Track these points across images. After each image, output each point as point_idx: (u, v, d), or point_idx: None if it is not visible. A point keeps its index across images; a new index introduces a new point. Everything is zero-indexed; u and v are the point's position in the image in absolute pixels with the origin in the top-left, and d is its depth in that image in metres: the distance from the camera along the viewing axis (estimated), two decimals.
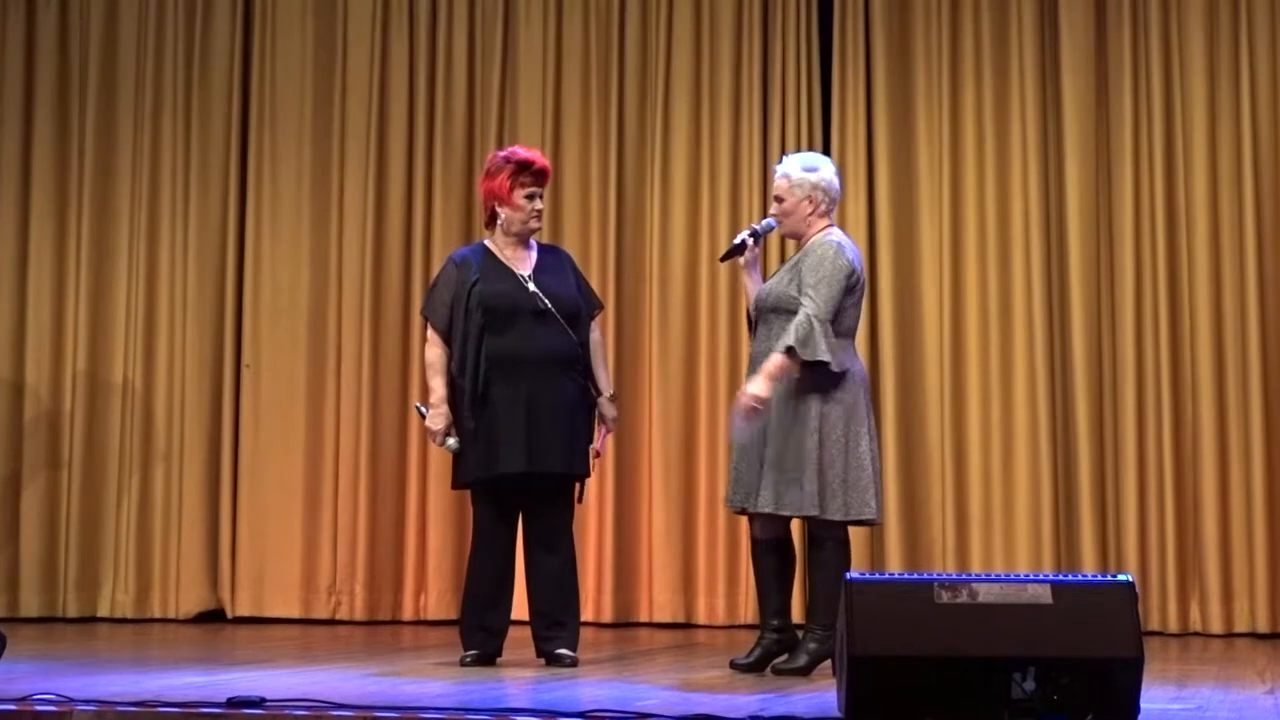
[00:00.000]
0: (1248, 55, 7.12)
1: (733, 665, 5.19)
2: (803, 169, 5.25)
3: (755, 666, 5.13)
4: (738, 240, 5.38)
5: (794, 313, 5.07)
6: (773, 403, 5.07)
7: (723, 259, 5.59)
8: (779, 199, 5.26)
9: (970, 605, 3.78)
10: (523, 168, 5.46)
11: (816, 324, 5.01)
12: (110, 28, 7.98)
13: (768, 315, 5.19)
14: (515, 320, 5.37)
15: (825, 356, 5.00)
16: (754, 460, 5.12)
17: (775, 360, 5.01)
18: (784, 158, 5.42)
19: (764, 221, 5.43)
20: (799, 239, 5.29)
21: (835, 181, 5.28)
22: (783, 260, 5.49)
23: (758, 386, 4.99)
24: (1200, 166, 7.11)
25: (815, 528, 5.14)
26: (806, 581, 5.35)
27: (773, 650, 5.16)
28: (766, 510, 5.08)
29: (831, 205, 5.27)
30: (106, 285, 7.87)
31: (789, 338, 5.00)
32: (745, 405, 5.00)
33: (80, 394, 7.80)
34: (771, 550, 5.20)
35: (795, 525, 5.34)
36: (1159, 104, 7.17)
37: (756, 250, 5.38)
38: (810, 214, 5.23)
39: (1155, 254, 7.11)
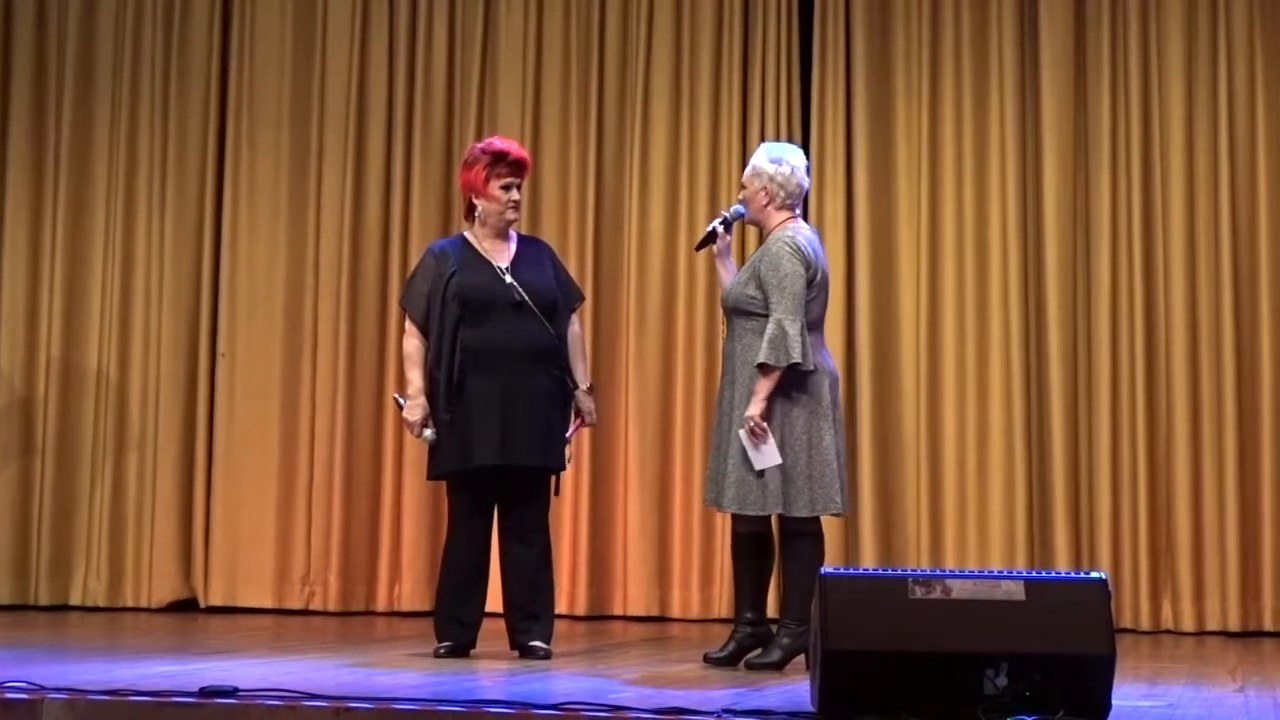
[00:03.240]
0: (1225, 57, 7.14)
1: (706, 659, 5.19)
2: (768, 159, 5.26)
3: (729, 661, 5.14)
4: (709, 228, 5.39)
5: (753, 314, 5.12)
6: (737, 400, 5.09)
7: (697, 248, 5.60)
8: (744, 185, 5.30)
9: (944, 601, 3.79)
10: (499, 159, 5.45)
11: (787, 327, 5.02)
12: (88, 12, 7.94)
13: (730, 315, 5.23)
14: (491, 312, 5.36)
15: (797, 358, 5.02)
16: (722, 459, 5.14)
17: (758, 380, 5.03)
18: (761, 144, 5.46)
19: (733, 209, 5.44)
20: (760, 228, 5.34)
21: (798, 175, 5.25)
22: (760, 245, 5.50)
23: (753, 408, 5.01)
24: (1177, 168, 7.14)
25: (786, 523, 5.14)
26: (780, 576, 5.35)
27: (747, 644, 5.16)
28: (732, 510, 5.10)
29: (791, 199, 5.24)
30: (82, 271, 7.83)
31: (761, 353, 5.02)
32: (748, 429, 5.02)
33: (54, 381, 7.76)
34: (751, 544, 5.21)
35: (775, 519, 5.35)
36: (1137, 105, 7.19)
37: (728, 238, 5.38)
38: (766, 205, 5.24)
39: (1131, 254, 7.13)
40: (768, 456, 5.03)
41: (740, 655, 5.15)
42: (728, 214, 5.42)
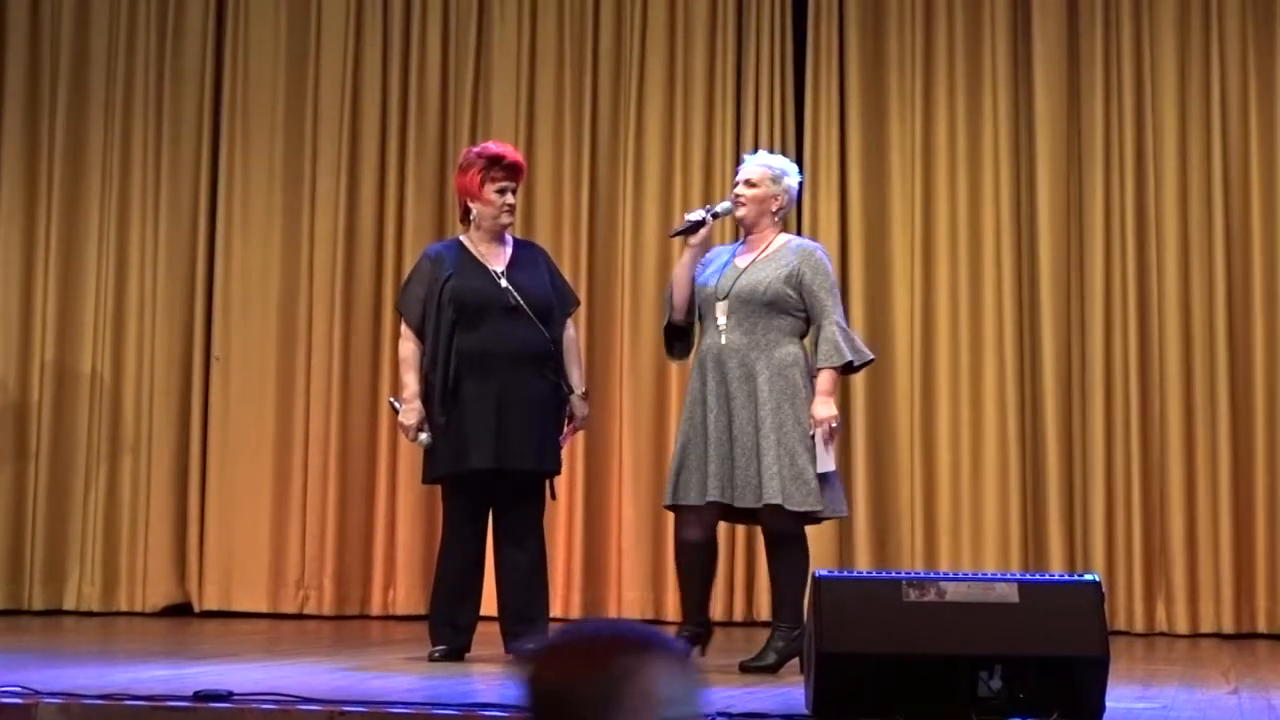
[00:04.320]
0: (1218, 58, 7.16)
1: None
2: (780, 169, 5.31)
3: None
4: (698, 217, 5.31)
5: (785, 312, 5.14)
6: (761, 397, 5.08)
7: (674, 234, 5.55)
8: (751, 184, 5.26)
9: (938, 604, 3.80)
10: (494, 162, 5.45)
11: (848, 329, 5.18)
12: (82, 16, 7.94)
13: (751, 308, 5.15)
14: (487, 316, 5.36)
15: (870, 355, 5.21)
16: (748, 454, 5.08)
17: (830, 378, 5.10)
18: (758, 151, 5.48)
19: (722, 204, 5.43)
20: (750, 230, 5.29)
21: (797, 194, 5.42)
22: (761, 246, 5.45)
23: (829, 408, 5.06)
24: (1170, 169, 7.15)
25: (778, 524, 5.10)
26: (771, 580, 5.34)
27: (703, 640, 5.19)
28: (774, 503, 5.03)
29: (788, 213, 5.41)
30: (76, 275, 7.83)
31: (842, 354, 5.09)
32: (826, 430, 5.03)
33: (48, 385, 7.75)
34: (705, 550, 5.21)
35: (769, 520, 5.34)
36: (1130, 107, 7.20)
37: (709, 229, 5.35)
38: (775, 210, 5.27)
39: (1125, 256, 7.14)
40: (830, 459, 5.07)
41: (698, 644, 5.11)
42: (718, 208, 5.41)
